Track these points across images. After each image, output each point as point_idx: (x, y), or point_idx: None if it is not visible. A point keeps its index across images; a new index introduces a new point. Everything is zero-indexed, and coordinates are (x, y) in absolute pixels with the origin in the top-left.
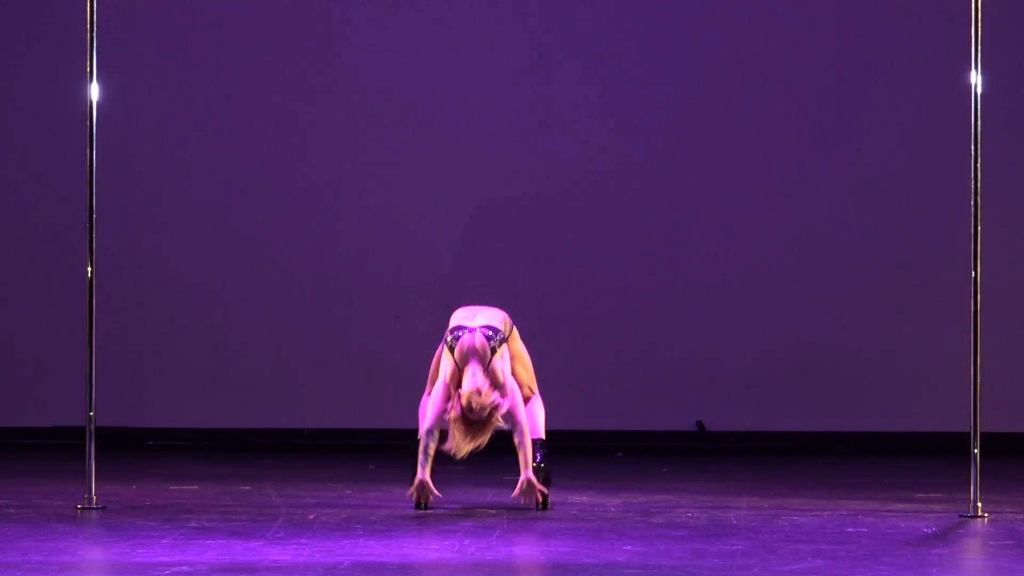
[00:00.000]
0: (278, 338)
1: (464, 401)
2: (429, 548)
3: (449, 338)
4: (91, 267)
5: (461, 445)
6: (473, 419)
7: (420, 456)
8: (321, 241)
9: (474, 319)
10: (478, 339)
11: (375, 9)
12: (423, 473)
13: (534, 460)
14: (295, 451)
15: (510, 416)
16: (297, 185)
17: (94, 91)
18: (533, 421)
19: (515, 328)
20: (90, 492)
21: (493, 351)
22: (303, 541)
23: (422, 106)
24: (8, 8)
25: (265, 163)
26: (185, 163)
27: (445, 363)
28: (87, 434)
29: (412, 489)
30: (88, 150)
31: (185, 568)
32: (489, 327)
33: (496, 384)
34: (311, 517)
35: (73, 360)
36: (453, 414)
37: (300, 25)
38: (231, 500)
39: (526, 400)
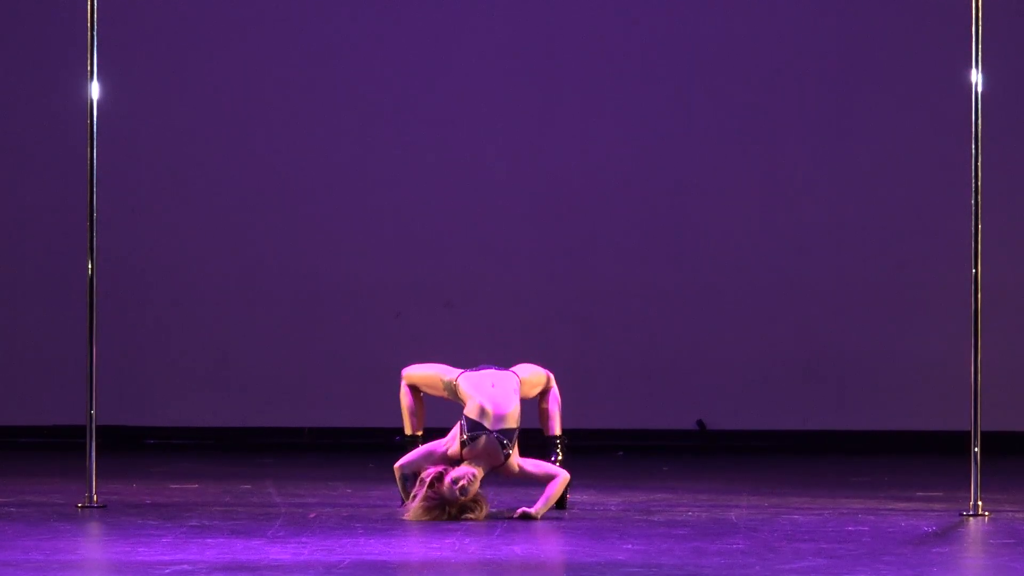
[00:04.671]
0: (279, 337)
1: (451, 476)
2: (429, 547)
3: (466, 434)
4: (91, 266)
5: (417, 513)
6: (443, 495)
7: (401, 488)
8: (321, 241)
9: (493, 417)
10: (491, 445)
11: (376, 8)
12: (410, 498)
13: (552, 456)
14: (296, 450)
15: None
16: (297, 185)
17: (94, 90)
18: (555, 416)
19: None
20: (91, 491)
21: (507, 457)
22: (303, 540)
23: (423, 106)
24: (8, 7)
25: (265, 162)
26: (185, 162)
27: (453, 443)
28: (88, 432)
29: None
30: (88, 149)
31: (186, 567)
32: (505, 432)
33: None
34: (311, 516)
35: (73, 359)
36: (422, 492)
37: (301, 24)
38: (232, 499)
39: (546, 393)
